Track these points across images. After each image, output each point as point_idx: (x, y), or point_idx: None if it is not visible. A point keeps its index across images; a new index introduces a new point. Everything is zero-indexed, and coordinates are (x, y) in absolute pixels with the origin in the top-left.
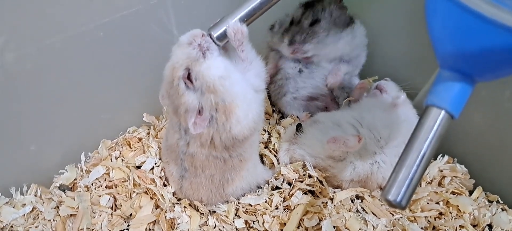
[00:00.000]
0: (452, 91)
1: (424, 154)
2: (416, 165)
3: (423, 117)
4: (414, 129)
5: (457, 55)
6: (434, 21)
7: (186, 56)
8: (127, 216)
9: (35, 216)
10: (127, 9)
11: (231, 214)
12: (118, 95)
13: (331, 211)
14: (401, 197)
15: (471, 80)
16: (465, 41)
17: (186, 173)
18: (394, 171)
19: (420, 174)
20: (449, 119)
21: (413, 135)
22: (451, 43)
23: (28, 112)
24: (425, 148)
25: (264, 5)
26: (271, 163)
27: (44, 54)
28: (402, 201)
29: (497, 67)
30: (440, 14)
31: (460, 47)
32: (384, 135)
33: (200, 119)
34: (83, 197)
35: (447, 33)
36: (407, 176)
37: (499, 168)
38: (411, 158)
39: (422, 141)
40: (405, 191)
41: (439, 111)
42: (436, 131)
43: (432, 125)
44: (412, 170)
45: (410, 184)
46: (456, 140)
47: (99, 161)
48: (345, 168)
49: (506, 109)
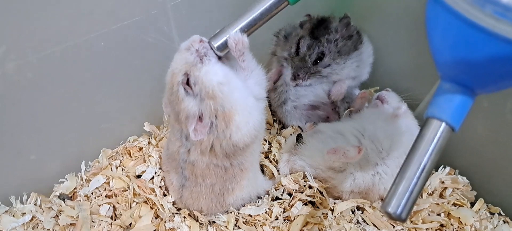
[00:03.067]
0: (453, 103)
1: (424, 166)
2: (416, 177)
3: (423, 129)
4: (414, 141)
5: (458, 67)
6: (434, 32)
7: (184, 61)
8: (127, 226)
9: (35, 225)
10: (128, 19)
11: (231, 225)
12: (118, 104)
13: (331, 222)
14: (401, 209)
15: (471, 92)
16: (466, 54)
17: (187, 182)
18: (394, 183)
19: (420, 187)
20: (450, 131)
21: (413, 147)
22: (451, 55)
23: (29, 121)
24: (425, 160)
25: (265, 16)
26: (271, 173)
27: (45, 63)
28: (402, 214)
29: (498, 79)
30: (441, 26)
31: (461, 59)
32: (385, 146)
33: (200, 126)
34: (83, 206)
35: (447, 45)
36: (407, 188)
37: (501, 179)
38: (411, 170)
39: (423, 153)
40: (405, 203)
41: (440, 124)
42: (436, 143)
43: (432, 137)
44: (412, 182)
45: (410, 196)
46: (458, 151)
47: (99, 170)
48: (345, 179)
49: (507, 121)
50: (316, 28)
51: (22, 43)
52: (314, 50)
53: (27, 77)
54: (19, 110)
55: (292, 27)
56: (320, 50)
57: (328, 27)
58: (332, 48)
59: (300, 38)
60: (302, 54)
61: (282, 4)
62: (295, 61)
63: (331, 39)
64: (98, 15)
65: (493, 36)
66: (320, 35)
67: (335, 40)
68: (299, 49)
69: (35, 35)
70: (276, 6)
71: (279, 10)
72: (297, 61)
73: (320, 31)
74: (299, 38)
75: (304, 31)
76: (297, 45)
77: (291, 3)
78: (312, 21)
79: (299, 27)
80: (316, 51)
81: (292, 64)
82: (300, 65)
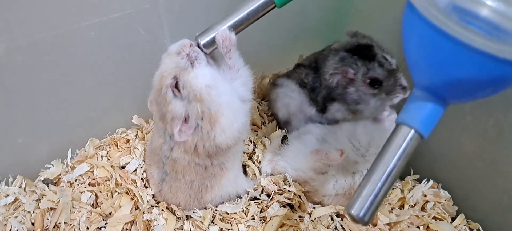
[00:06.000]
0: (424, 111)
1: (390, 171)
2: (382, 181)
3: (392, 135)
4: (383, 145)
5: (430, 76)
6: (409, 41)
7: (175, 65)
8: (107, 214)
9: (16, 206)
10: (119, 12)
11: (206, 220)
12: (107, 95)
13: (307, 226)
14: (364, 212)
15: (443, 101)
16: (438, 63)
17: (167, 177)
18: (359, 186)
19: (385, 191)
20: (419, 138)
21: (381, 152)
22: (424, 63)
23: (17, 104)
24: (392, 165)
25: (252, 16)
26: (253, 174)
27: (35, 48)
28: (365, 217)
29: (469, 89)
30: (416, 35)
31: (433, 68)
32: (371, 151)
33: (185, 127)
34: (65, 192)
35: (421, 53)
36: (372, 192)
37: (482, 196)
38: (377, 174)
39: (389, 158)
40: (369, 207)
41: (409, 130)
42: (404, 150)
43: (400, 143)
44: (377, 186)
45: (374, 200)
46: (442, 165)
47: (85, 158)
48: (327, 181)
49: (490, 137)
50: None
51: (11, 27)
52: None
53: (16, 60)
54: (7, 92)
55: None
56: None
57: None
58: None
59: (378, 54)
60: (395, 66)
61: (269, 6)
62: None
63: None
64: (89, 4)
65: (462, 45)
66: None
67: None
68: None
69: (26, 19)
70: (263, 8)
71: (266, 11)
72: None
73: None
74: (378, 54)
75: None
76: (384, 57)
77: (278, 6)
78: None
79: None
80: None
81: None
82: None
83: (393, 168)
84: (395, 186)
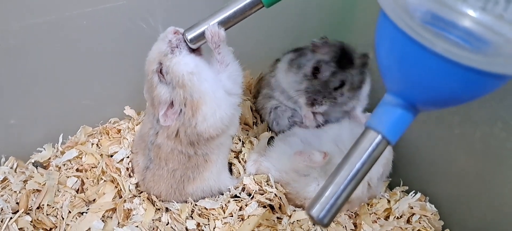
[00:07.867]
0: (392, 117)
1: (355, 174)
2: (344, 184)
3: (360, 138)
4: (350, 148)
5: (399, 81)
6: (381, 46)
7: (158, 51)
8: (90, 201)
9: (5, 186)
10: (113, 2)
11: (184, 214)
12: (100, 84)
13: (285, 228)
14: (324, 214)
15: (413, 108)
16: (407, 69)
17: (151, 164)
18: (322, 186)
19: (347, 194)
20: (385, 143)
21: (347, 154)
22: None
23: (9, 86)
24: (356, 169)
25: (239, 15)
26: (238, 172)
27: (28, 33)
28: (325, 219)
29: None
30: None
31: (401, 73)
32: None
33: (170, 111)
34: (52, 176)
35: (390, 59)
36: (334, 194)
37: (468, 212)
38: (340, 176)
39: (354, 161)
40: (329, 209)
41: (376, 135)
42: (370, 154)
43: (367, 147)
44: (340, 189)
45: (335, 202)
46: (431, 178)
47: (75, 144)
48: (309, 184)
49: (477, 150)
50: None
51: (4, 10)
52: (337, 77)
53: (9, 43)
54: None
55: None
56: (343, 78)
57: (352, 61)
58: (349, 80)
59: (321, 62)
60: (325, 78)
61: (257, 5)
62: (315, 84)
63: (353, 73)
64: None
65: (425, 50)
66: (345, 65)
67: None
68: (318, 73)
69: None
70: (251, 7)
71: (253, 11)
72: (316, 85)
73: (345, 62)
74: (319, 62)
75: (327, 56)
76: (317, 68)
77: (266, 6)
78: (333, 48)
79: (311, 51)
80: (339, 78)
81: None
82: (319, 89)
83: (357, 172)
84: (382, 195)
